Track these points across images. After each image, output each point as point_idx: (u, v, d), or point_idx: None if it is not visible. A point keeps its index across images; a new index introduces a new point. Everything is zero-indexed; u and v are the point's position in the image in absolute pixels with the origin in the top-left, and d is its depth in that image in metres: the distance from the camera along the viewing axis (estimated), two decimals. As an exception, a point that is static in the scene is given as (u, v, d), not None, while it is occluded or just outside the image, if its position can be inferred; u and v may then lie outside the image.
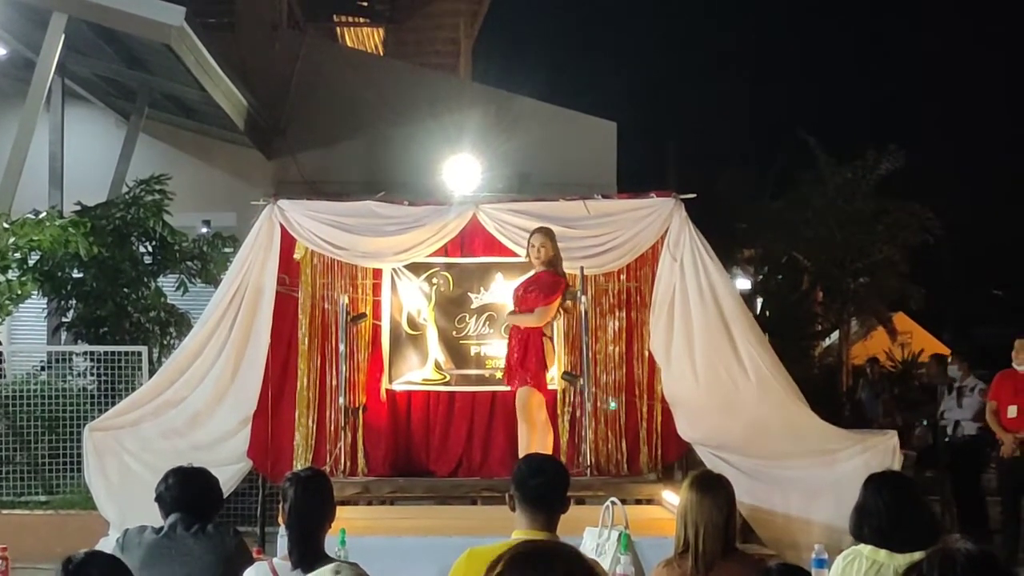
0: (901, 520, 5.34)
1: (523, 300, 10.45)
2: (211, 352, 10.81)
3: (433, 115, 17.29)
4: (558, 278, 10.53)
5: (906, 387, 21.49)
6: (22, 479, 12.70)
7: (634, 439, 11.07)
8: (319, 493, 5.40)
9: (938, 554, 2.53)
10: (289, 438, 10.92)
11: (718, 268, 10.86)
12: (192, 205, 15.87)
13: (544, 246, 10.39)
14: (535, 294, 10.39)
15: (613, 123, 18.44)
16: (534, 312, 10.33)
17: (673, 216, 10.91)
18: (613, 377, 11.11)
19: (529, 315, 10.35)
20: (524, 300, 10.44)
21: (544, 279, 10.42)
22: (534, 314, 10.33)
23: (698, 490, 5.56)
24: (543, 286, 10.39)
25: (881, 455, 10.04)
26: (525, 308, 10.40)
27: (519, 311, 10.47)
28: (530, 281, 10.47)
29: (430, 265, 11.34)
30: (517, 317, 10.49)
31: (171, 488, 5.82)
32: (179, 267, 14.24)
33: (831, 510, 9.21)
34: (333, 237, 11.00)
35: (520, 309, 10.46)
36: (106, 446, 10.63)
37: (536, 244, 10.41)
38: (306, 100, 17.85)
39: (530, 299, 10.40)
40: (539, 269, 10.45)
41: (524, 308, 10.41)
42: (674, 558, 5.55)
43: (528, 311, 10.36)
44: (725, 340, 10.59)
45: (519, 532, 5.29)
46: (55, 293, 13.75)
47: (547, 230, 10.53)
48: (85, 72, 16.32)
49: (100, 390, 12.81)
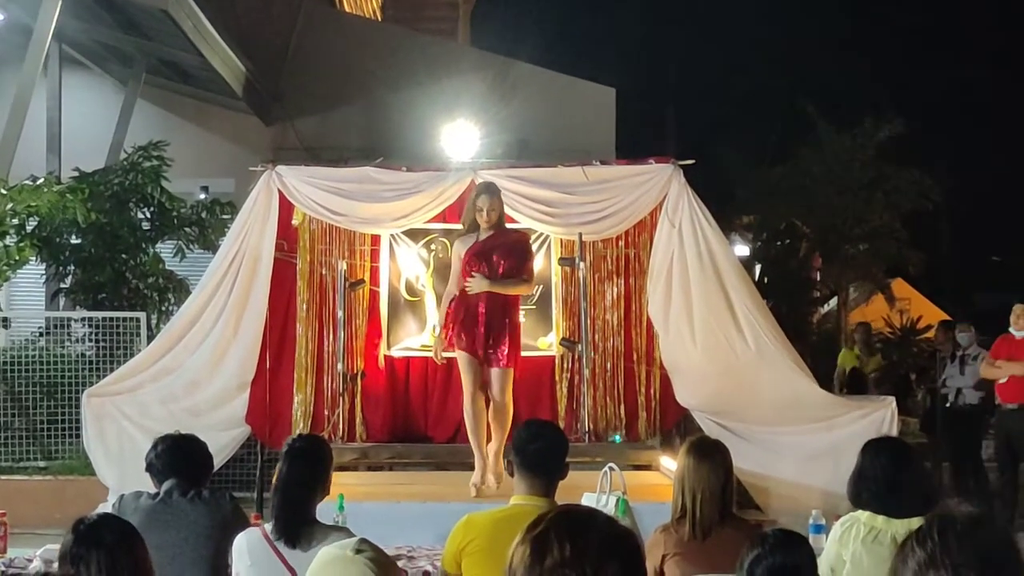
0: (899, 486, 5.36)
1: (505, 267, 9.55)
2: (209, 318, 10.83)
3: (431, 81, 17.22)
4: (524, 235, 10.34)
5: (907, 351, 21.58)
6: (20, 445, 12.71)
7: (632, 405, 11.11)
8: (307, 462, 5.38)
9: (937, 518, 2.53)
10: (287, 404, 10.95)
11: (717, 234, 10.86)
12: (190, 171, 15.83)
13: (493, 208, 9.56)
14: (518, 259, 9.66)
15: (612, 89, 18.39)
16: (525, 279, 9.74)
17: (672, 182, 10.90)
18: (611, 343, 11.12)
19: (523, 283, 9.72)
20: (507, 266, 9.56)
21: (513, 239, 9.84)
22: (527, 282, 9.80)
23: (695, 456, 5.58)
24: (518, 249, 9.75)
25: (879, 421, 10.09)
26: (512, 274, 9.58)
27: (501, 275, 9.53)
28: (492, 245, 9.55)
29: (428, 231, 11.34)
30: (509, 284, 9.57)
31: (161, 456, 5.83)
32: (177, 233, 14.22)
33: (829, 476, 9.24)
34: (331, 203, 10.99)
35: (503, 274, 9.55)
36: (104, 412, 10.67)
37: (484, 207, 9.52)
38: (304, 66, 17.79)
39: (513, 264, 9.60)
40: (487, 231, 9.55)
41: (506, 272, 9.55)
42: (671, 523, 5.57)
43: (518, 279, 9.64)
44: (724, 306, 10.60)
45: (517, 497, 5.30)
46: (53, 259, 13.73)
47: (494, 187, 9.88)
48: (83, 38, 16.25)
49: (98, 356, 12.82)
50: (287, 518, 5.15)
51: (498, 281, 9.48)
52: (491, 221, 9.52)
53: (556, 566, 2.45)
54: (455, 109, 16.78)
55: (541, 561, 2.46)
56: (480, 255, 9.51)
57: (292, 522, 5.14)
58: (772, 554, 4.36)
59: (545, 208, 10.96)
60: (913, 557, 2.48)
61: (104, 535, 3.91)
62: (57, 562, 3.99)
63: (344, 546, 3.96)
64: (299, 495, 5.26)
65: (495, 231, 9.55)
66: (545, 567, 2.46)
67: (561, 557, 2.45)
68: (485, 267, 9.49)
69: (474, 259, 9.51)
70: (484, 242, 9.53)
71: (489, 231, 9.52)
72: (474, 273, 9.48)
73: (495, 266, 9.50)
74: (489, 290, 9.45)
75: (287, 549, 5.02)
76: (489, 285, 9.44)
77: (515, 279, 9.58)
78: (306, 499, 5.29)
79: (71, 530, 3.94)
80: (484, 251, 9.51)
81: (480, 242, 9.54)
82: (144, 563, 3.97)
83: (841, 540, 5.37)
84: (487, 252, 9.51)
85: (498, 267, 9.50)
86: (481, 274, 9.47)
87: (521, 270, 9.63)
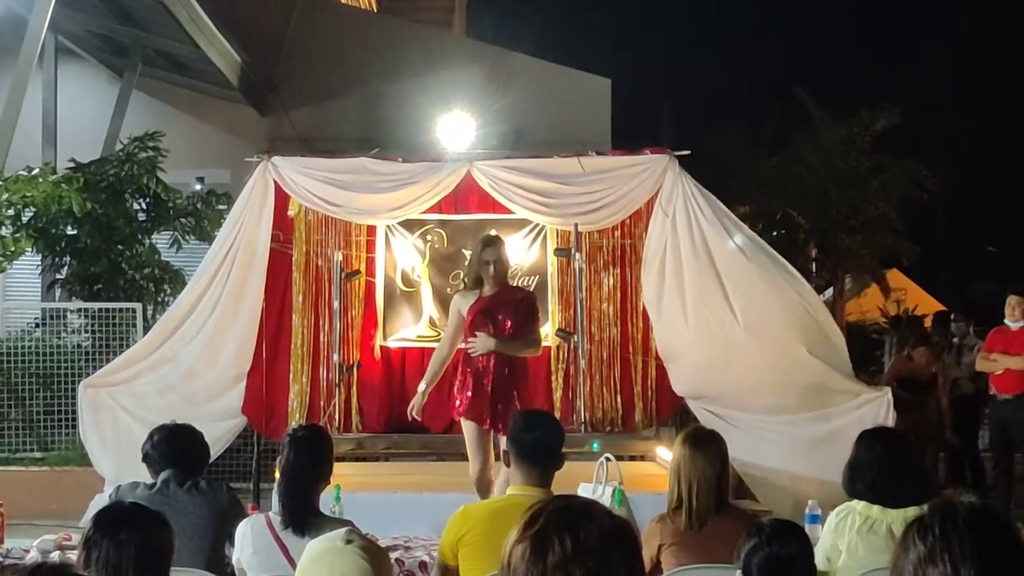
0: (894, 476, 5.38)
1: (512, 326, 8.85)
2: (205, 308, 10.82)
3: (427, 71, 17.23)
4: (531, 294, 9.77)
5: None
6: (17, 436, 12.74)
7: (629, 396, 11.10)
8: (311, 452, 5.44)
9: (940, 506, 2.53)
10: (284, 395, 10.95)
11: (714, 223, 10.73)
12: (186, 162, 15.84)
13: (500, 260, 8.96)
14: (525, 318, 8.96)
15: (607, 80, 18.41)
16: (534, 340, 9.06)
17: (667, 172, 10.88)
18: (607, 334, 11.12)
19: (532, 344, 9.04)
20: (514, 325, 8.86)
21: (520, 297, 9.23)
22: (535, 343, 9.11)
23: (691, 446, 5.61)
24: (524, 307, 9.04)
25: (874, 412, 10.09)
26: (518, 333, 8.88)
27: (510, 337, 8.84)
28: (498, 303, 8.93)
29: (424, 222, 11.33)
30: (517, 346, 8.89)
31: (157, 446, 5.85)
32: (173, 224, 14.24)
33: (824, 466, 9.23)
34: (327, 194, 10.98)
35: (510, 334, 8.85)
36: (101, 402, 10.66)
37: (491, 260, 8.88)
38: (300, 56, 17.78)
39: (519, 323, 8.89)
40: (493, 287, 8.94)
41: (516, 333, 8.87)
42: (668, 513, 5.60)
43: (525, 339, 8.94)
44: (718, 292, 10.56)
45: (514, 488, 5.33)
46: (49, 250, 13.75)
47: (498, 239, 9.31)
48: (78, 29, 16.24)
49: (95, 347, 12.83)
50: (294, 507, 5.19)
51: (504, 341, 8.80)
52: (498, 275, 8.91)
53: (559, 564, 2.41)
54: (451, 99, 16.77)
55: (543, 559, 2.42)
56: (485, 313, 8.86)
57: (299, 511, 5.17)
58: (769, 544, 4.39)
59: (541, 198, 10.94)
60: (914, 550, 2.47)
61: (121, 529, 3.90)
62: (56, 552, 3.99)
63: (333, 537, 3.98)
64: (305, 483, 5.29)
65: (501, 287, 8.99)
66: (548, 565, 2.41)
67: (563, 554, 2.41)
68: (490, 326, 8.81)
69: (479, 317, 8.85)
70: (490, 299, 8.91)
71: (495, 287, 8.93)
72: (478, 333, 8.81)
73: (501, 325, 8.85)
74: (495, 351, 8.78)
75: (295, 538, 5.04)
76: (495, 345, 8.75)
77: (522, 339, 8.91)
78: (312, 487, 5.33)
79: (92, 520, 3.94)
80: (489, 309, 8.87)
81: (485, 298, 8.92)
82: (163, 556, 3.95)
83: (837, 530, 5.39)
84: (492, 310, 8.87)
85: (504, 326, 8.85)
86: (486, 333, 8.79)
87: (528, 330, 8.98)
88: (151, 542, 3.87)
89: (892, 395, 10.38)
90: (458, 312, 9.06)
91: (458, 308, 9.07)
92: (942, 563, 2.42)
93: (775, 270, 10.69)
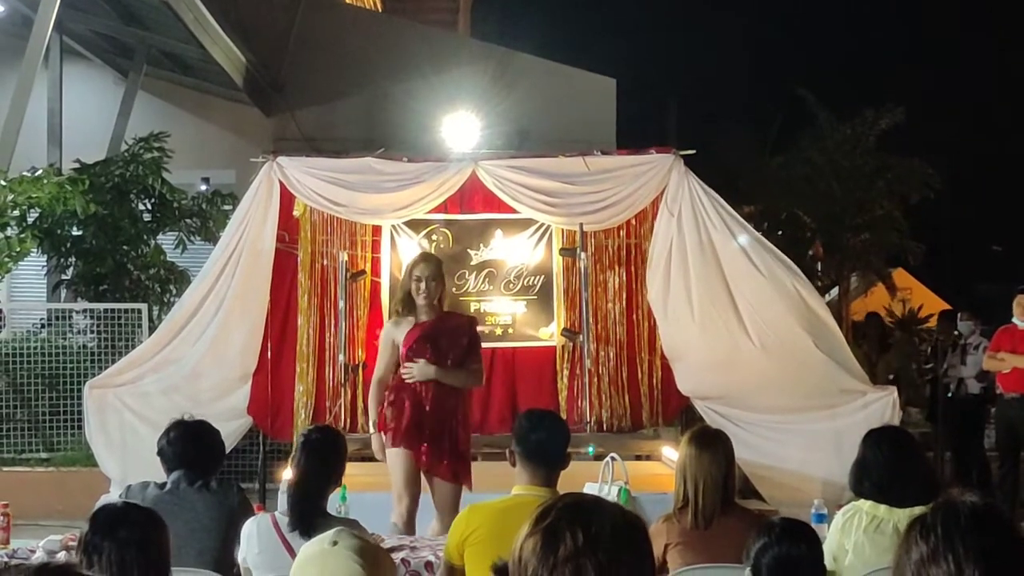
0: (900, 475, 5.37)
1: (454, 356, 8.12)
2: (210, 309, 10.82)
3: (432, 72, 17.22)
4: (471, 318, 9.08)
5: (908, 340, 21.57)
6: (23, 436, 12.74)
7: (635, 396, 11.10)
8: (322, 457, 5.45)
9: (942, 506, 2.52)
10: (289, 395, 10.94)
11: (720, 223, 10.74)
12: (191, 162, 15.85)
13: (437, 279, 8.19)
14: (467, 345, 8.24)
15: (612, 80, 18.40)
16: (476, 370, 8.38)
17: (672, 172, 10.88)
18: (613, 334, 11.12)
19: (474, 374, 8.36)
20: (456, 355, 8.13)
21: (459, 323, 8.49)
22: (477, 372, 8.45)
23: (697, 445, 5.61)
24: (462, 333, 8.31)
25: (880, 410, 10.08)
26: (455, 362, 8.13)
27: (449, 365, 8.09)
28: (440, 330, 8.18)
29: (429, 222, 11.33)
30: (459, 375, 8.16)
31: (173, 442, 5.81)
32: (178, 224, 14.25)
33: (831, 465, 9.24)
34: (332, 194, 10.98)
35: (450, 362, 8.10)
36: (107, 403, 10.66)
37: (422, 275, 8.12)
38: (305, 57, 17.78)
39: (459, 352, 8.16)
40: (429, 312, 8.17)
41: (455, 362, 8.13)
42: (674, 513, 5.60)
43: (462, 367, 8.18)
44: (724, 292, 10.57)
45: (519, 488, 5.32)
46: (54, 250, 13.75)
47: (434, 258, 8.64)
48: (83, 29, 16.27)
49: (100, 347, 12.83)
50: (303, 510, 5.19)
51: (446, 370, 8.07)
52: (430, 297, 8.13)
53: (570, 556, 2.42)
54: (456, 100, 16.78)
55: (554, 552, 2.43)
56: (425, 340, 8.09)
57: (308, 514, 5.17)
58: (779, 543, 4.39)
59: (546, 198, 10.94)
60: (916, 550, 2.47)
61: (119, 529, 3.91)
62: (62, 552, 4.00)
63: (322, 540, 3.96)
64: (315, 487, 5.30)
65: (438, 314, 8.22)
66: (559, 557, 2.43)
67: (575, 546, 2.42)
68: (430, 353, 8.04)
69: (419, 343, 8.07)
70: (429, 325, 8.14)
71: (431, 313, 8.18)
72: (416, 359, 8.06)
73: (444, 353, 8.09)
74: (435, 378, 8.05)
75: (301, 539, 5.04)
76: (435, 373, 8.02)
77: (465, 369, 8.20)
78: (322, 491, 5.33)
79: (89, 520, 3.95)
80: (430, 336, 8.11)
81: (423, 324, 8.14)
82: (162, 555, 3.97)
83: (843, 529, 5.38)
84: (433, 338, 8.11)
85: (447, 355, 8.10)
86: (426, 360, 8.04)
87: (472, 359, 8.27)
88: (151, 539, 3.89)
89: None
90: (391, 342, 8.29)
91: (392, 337, 8.29)
92: (945, 563, 2.41)
93: (780, 270, 10.68)
